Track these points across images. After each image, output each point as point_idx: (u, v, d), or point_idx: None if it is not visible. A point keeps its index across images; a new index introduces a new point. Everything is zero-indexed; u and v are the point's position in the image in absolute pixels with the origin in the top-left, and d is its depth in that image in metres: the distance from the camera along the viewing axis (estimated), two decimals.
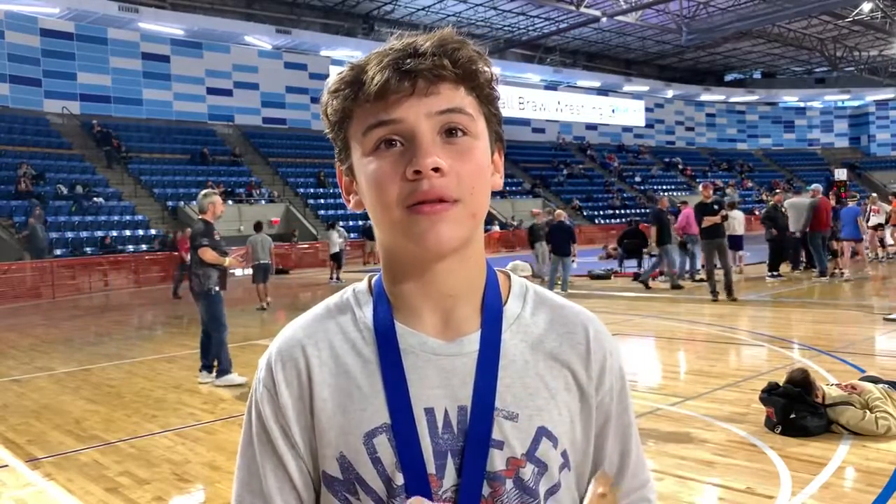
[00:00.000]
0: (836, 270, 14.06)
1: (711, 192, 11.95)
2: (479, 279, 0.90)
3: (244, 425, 0.91)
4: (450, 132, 0.81)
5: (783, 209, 14.51)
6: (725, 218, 11.69)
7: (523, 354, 0.88)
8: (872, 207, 16.93)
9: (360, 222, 26.85)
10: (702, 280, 13.15)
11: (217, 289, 7.01)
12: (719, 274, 11.61)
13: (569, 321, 0.92)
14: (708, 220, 11.45)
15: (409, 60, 0.79)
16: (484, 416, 0.83)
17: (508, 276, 0.95)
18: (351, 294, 0.93)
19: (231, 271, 7.16)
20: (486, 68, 0.84)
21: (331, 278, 18.88)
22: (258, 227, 14.52)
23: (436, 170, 0.79)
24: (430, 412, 0.84)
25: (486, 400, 0.84)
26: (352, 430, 0.84)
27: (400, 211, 0.80)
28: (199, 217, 7.25)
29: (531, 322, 0.91)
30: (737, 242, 15.46)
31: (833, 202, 15.96)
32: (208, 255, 6.98)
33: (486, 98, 0.85)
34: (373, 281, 0.93)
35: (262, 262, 13.92)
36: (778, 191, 19.20)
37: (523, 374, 0.87)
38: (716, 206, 11.54)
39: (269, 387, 0.88)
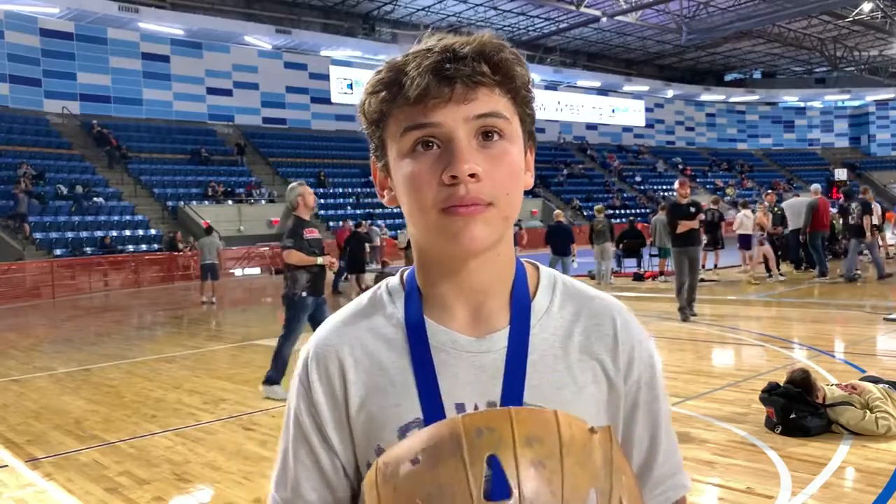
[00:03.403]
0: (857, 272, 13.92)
1: (689, 190, 10.21)
2: (509, 274, 0.92)
3: (284, 419, 0.95)
4: (486, 135, 0.83)
5: (775, 210, 14.50)
6: (702, 223, 10.31)
7: (552, 348, 0.90)
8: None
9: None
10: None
11: (304, 294, 6.35)
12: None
13: (597, 313, 0.93)
14: (684, 225, 9.60)
15: (448, 65, 0.80)
16: None
17: (537, 268, 0.97)
18: (384, 290, 0.95)
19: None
20: (523, 71, 0.86)
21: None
22: (209, 230, 15.34)
23: (472, 175, 0.80)
24: (460, 407, 0.86)
25: (514, 395, 0.86)
26: (387, 424, 0.87)
27: (436, 213, 0.82)
28: (292, 213, 6.51)
29: (559, 315, 0.92)
30: (746, 242, 15.47)
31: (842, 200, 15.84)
32: (294, 257, 6.36)
33: (522, 100, 0.87)
34: (405, 276, 0.96)
35: (208, 262, 14.76)
36: (769, 192, 19.18)
37: (552, 368, 0.89)
38: (692, 209, 9.77)
39: (304, 382, 0.92)
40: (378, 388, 0.89)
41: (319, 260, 6.39)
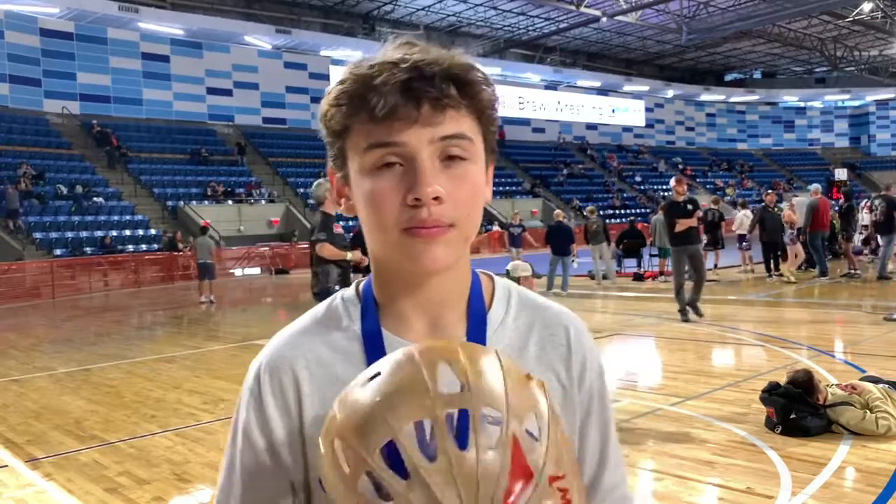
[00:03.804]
0: (851, 270, 13.89)
1: (685, 188, 9.97)
2: (465, 286, 0.92)
3: (231, 428, 0.92)
4: (449, 157, 0.83)
5: (774, 209, 14.46)
6: (701, 220, 10.18)
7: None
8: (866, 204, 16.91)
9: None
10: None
11: (337, 288, 6.38)
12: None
13: (550, 323, 0.95)
14: (682, 224, 9.38)
15: (416, 85, 0.80)
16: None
17: (492, 279, 0.97)
18: (340, 301, 0.94)
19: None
20: (489, 92, 0.86)
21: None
22: (203, 230, 15.76)
23: (435, 198, 0.80)
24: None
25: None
26: None
27: (397, 233, 0.82)
28: (319, 209, 6.60)
29: (514, 326, 0.93)
30: (745, 242, 15.48)
31: (842, 200, 15.65)
32: (327, 250, 6.42)
33: (487, 119, 0.87)
34: (360, 287, 0.95)
35: (201, 261, 15.18)
36: (769, 192, 19.12)
37: None
38: (689, 206, 9.56)
39: (256, 395, 0.90)
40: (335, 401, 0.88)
41: (349, 255, 6.49)
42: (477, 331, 0.90)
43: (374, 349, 0.88)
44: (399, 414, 0.67)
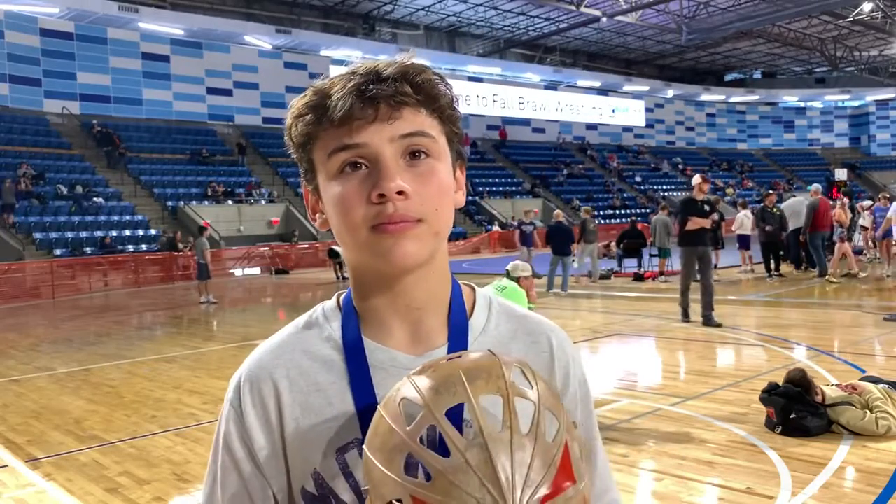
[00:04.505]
0: (850, 271, 13.85)
1: (708, 188, 9.71)
2: (445, 291, 0.92)
3: (213, 441, 0.92)
4: (413, 154, 0.84)
5: (774, 210, 14.46)
6: (715, 223, 9.87)
7: None
8: (867, 206, 16.92)
9: None
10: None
11: None
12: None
13: (533, 331, 0.95)
14: (695, 223, 9.21)
15: (371, 87, 0.82)
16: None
17: (473, 289, 0.97)
18: (320, 312, 0.95)
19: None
20: (446, 90, 0.87)
21: (337, 278, 18.76)
22: (200, 230, 16.18)
23: (400, 193, 0.81)
24: None
25: (455, 410, 0.85)
26: (324, 446, 0.86)
27: (366, 231, 0.83)
28: None
29: (496, 333, 0.93)
30: (746, 242, 15.48)
31: (879, 202, 15.46)
32: None
33: (448, 118, 0.88)
34: (341, 298, 0.95)
35: (196, 261, 15.78)
36: (770, 192, 19.10)
37: None
38: (706, 207, 9.41)
39: (237, 407, 0.90)
40: (315, 410, 0.87)
41: None
42: (459, 338, 0.90)
43: (355, 357, 0.88)
44: (476, 385, 0.74)
